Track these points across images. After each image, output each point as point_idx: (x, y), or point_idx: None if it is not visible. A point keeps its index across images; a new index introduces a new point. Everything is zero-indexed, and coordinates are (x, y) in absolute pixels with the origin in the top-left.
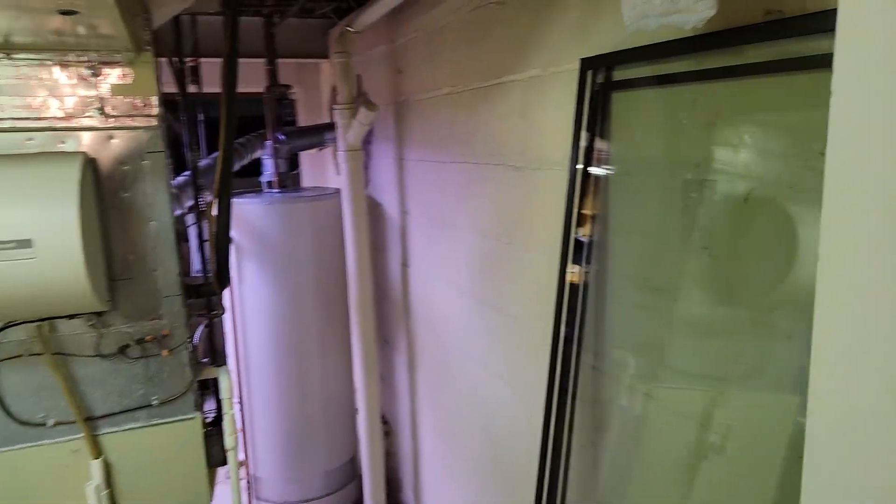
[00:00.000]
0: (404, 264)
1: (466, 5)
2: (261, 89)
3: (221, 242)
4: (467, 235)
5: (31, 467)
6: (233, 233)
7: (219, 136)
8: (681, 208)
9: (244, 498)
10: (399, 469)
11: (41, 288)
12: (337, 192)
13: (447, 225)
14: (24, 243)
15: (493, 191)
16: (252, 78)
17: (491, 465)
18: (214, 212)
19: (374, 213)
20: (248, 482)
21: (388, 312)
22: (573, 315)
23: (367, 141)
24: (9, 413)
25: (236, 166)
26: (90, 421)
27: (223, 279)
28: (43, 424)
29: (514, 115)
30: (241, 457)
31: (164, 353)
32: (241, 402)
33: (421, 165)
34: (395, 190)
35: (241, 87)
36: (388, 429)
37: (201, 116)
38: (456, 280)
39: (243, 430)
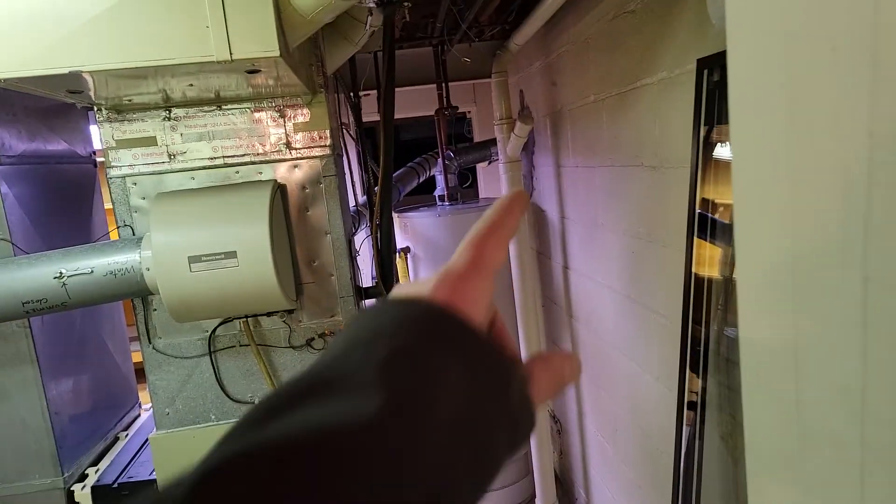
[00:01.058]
0: (565, 267)
1: (604, 16)
2: (424, 113)
3: (384, 250)
4: (615, 235)
5: None
6: (409, 243)
7: (384, 159)
8: None
9: None
10: (570, 467)
11: (244, 290)
12: None
13: (598, 226)
14: (231, 254)
15: (634, 190)
16: (426, 103)
17: (650, 466)
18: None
19: (539, 219)
20: None
21: (554, 315)
22: (704, 307)
23: (533, 151)
24: (226, 392)
25: (415, 183)
26: None
27: (387, 282)
28: (251, 402)
29: (649, 117)
30: None
31: None
32: None
33: (575, 171)
34: (554, 196)
35: (420, 112)
36: (559, 427)
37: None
38: (608, 279)
39: None
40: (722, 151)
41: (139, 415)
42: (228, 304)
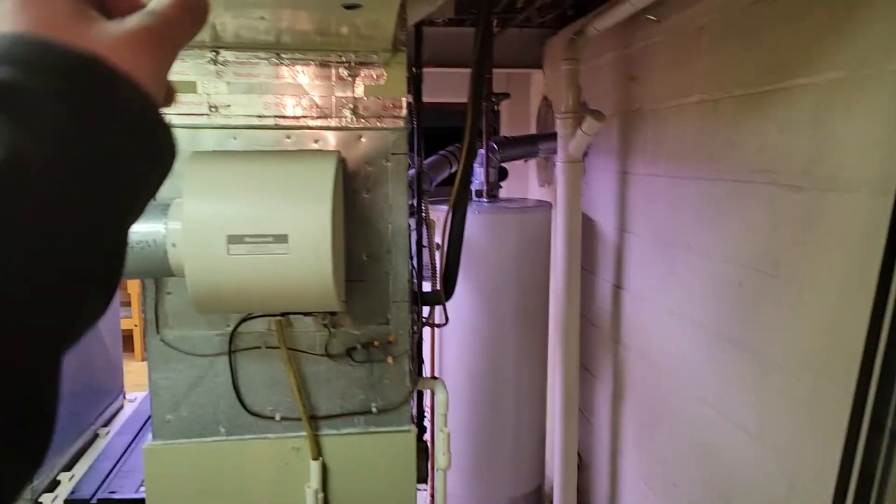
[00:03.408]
0: (617, 286)
1: (739, 2)
2: (455, 100)
3: (454, 251)
4: (710, 261)
5: (255, 459)
6: (437, 240)
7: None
8: None
9: None
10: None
11: (290, 283)
12: (546, 205)
13: (680, 247)
14: (281, 238)
15: (754, 212)
16: (446, 89)
17: None
18: (434, 220)
19: (584, 229)
20: (432, 496)
21: (592, 338)
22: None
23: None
24: (242, 402)
25: (444, 175)
26: (313, 420)
27: (450, 289)
28: (272, 418)
29: (800, 126)
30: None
31: (389, 359)
32: (431, 414)
33: (649, 181)
34: (613, 206)
35: (443, 98)
36: (580, 462)
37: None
38: (687, 310)
39: (432, 440)
40: None
41: (122, 406)
42: (268, 298)
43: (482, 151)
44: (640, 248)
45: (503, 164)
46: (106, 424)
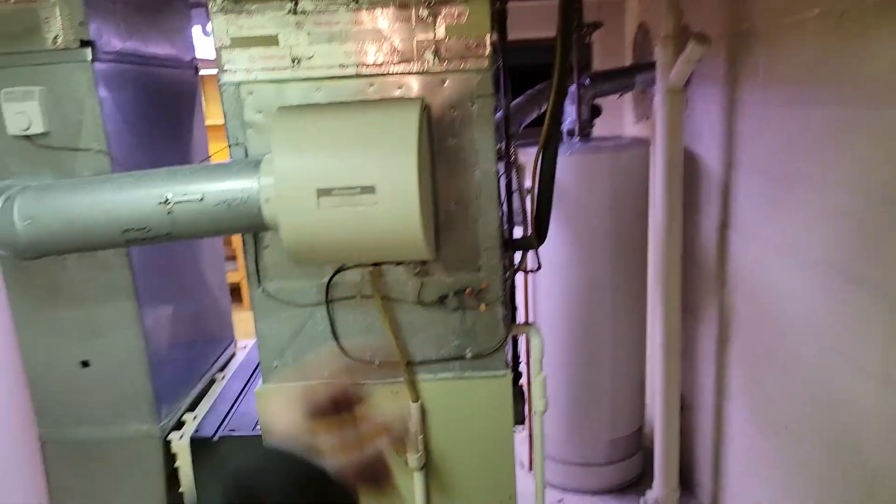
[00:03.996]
0: (723, 226)
1: None
2: (543, 34)
3: (545, 194)
4: (830, 194)
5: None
6: (527, 184)
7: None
8: None
9: (525, 450)
10: (693, 449)
11: (379, 234)
12: (643, 142)
13: (796, 180)
14: (368, 189)
15: (884, 138)
16: (532, 23)
17: (832, 477)
18: (524, 163)
19: (686, 166)
20: (531, 436)
21: (695, 280)
22: None
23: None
24: (342, 348)
25: (533, 116)
26: (410, 366)
27: (542, 234)
28: (371, 363)
29: None
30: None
31: (482, 307)
32: (526, 359)
33: (761, 109)
34: (718, 139)
35: (529, 33)
36: (682, 404)
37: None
38: (803, 248)
39: (528, 385)
40: None
41: (234, 354)
42: (359, 248)
43: (573, 88)
44: (749, 183)
45: (596, 101)
46: (221, 370)
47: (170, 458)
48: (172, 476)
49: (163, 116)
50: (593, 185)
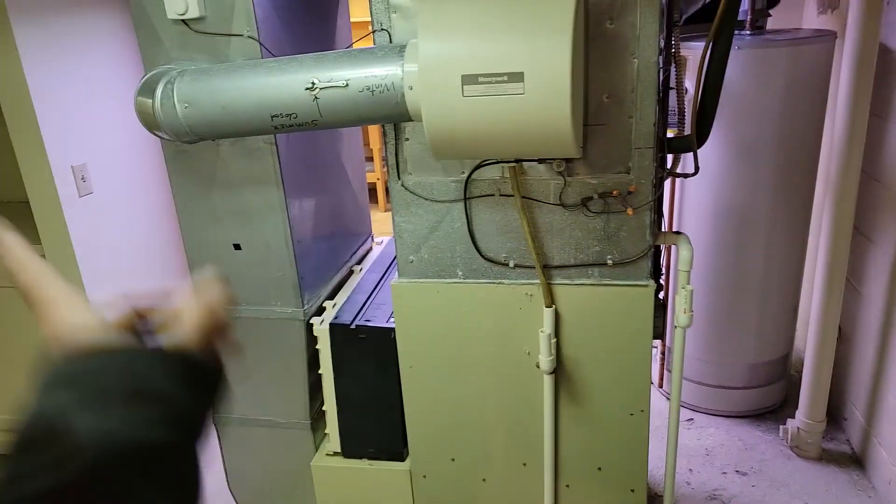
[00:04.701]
0: None
1: None
2: None
3: (712, 89)
4: None
5: (490, 301)
6: (688, 83)
7: None
8: None
9: (655, 368)
10: (846, 383)
11: (525, 125)
12: (829, 35)
13: None
14: (517, 77)
15: None
16: None
17: None
18: (686, 57)
19: (879, 64)
20: (663, 353)
21: (874, 197)
22: None
23: None
24: (477, 248)
25: (698, 6)
26: (546, 269)
27: (704, 135)
28: (506, 265)
29: None
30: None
31: (629, 211)
32: (666, 271)
33: None
34: None
35: None
36: (839, 334)
37: None
38: None
39: (665, 297)
40: None
41: (371, 248)
42: (503, 142)
43: None
44: None
45: None
46: (359, 262)
47: (312, 340)
48: (313, 358)
49: (309, 6)
50: (764, 84)
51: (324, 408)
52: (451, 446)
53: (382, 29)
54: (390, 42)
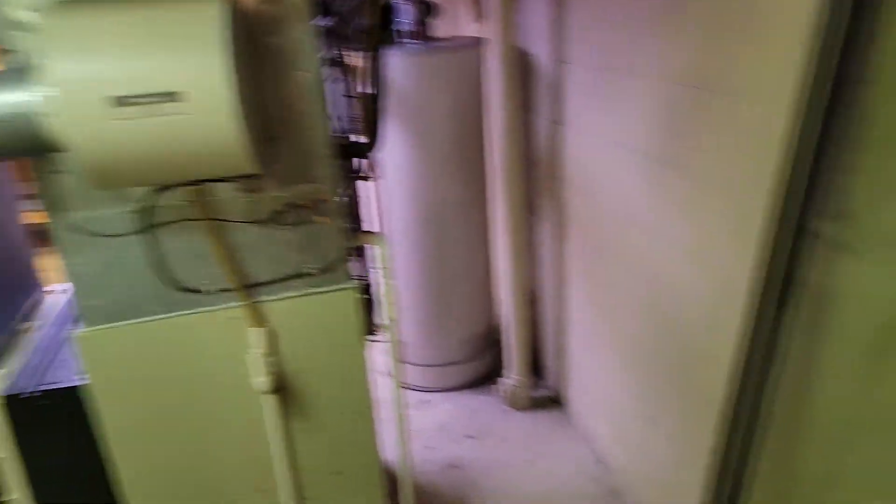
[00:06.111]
0: (556, 122)
1: None
2: None
3: (374, 98)
4: (650, 82)
5: (193, 334)
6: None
7: None
8: None
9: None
10: (541, 338)
11: (193, 147)
12: (478, 41)
13: (621, 71)
14: (173, 96)
15: (695, 23)
16: None
17: (654, 345)
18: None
19: (521, 65)
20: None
21: (532, 177)
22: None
23: None
24: (172, 279)
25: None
26: (252, 288)
27: (374, 139)
28: (206, 292)
29: None
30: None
31: (319, 219)
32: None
33: (587, 1)
34: (548, 35)
35: None
36: (532, 297)
37: None
38: (627, 138)
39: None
40: None
41: (42, 300)
42: (172, 165)
43: None
44: (579, 77)
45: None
46: (29, 319)
47: None
48: None
49: None
50: (432, 87)
51: (12, 500)
52: (179, 498)
53: (9, 50)
54: (25, 65)
